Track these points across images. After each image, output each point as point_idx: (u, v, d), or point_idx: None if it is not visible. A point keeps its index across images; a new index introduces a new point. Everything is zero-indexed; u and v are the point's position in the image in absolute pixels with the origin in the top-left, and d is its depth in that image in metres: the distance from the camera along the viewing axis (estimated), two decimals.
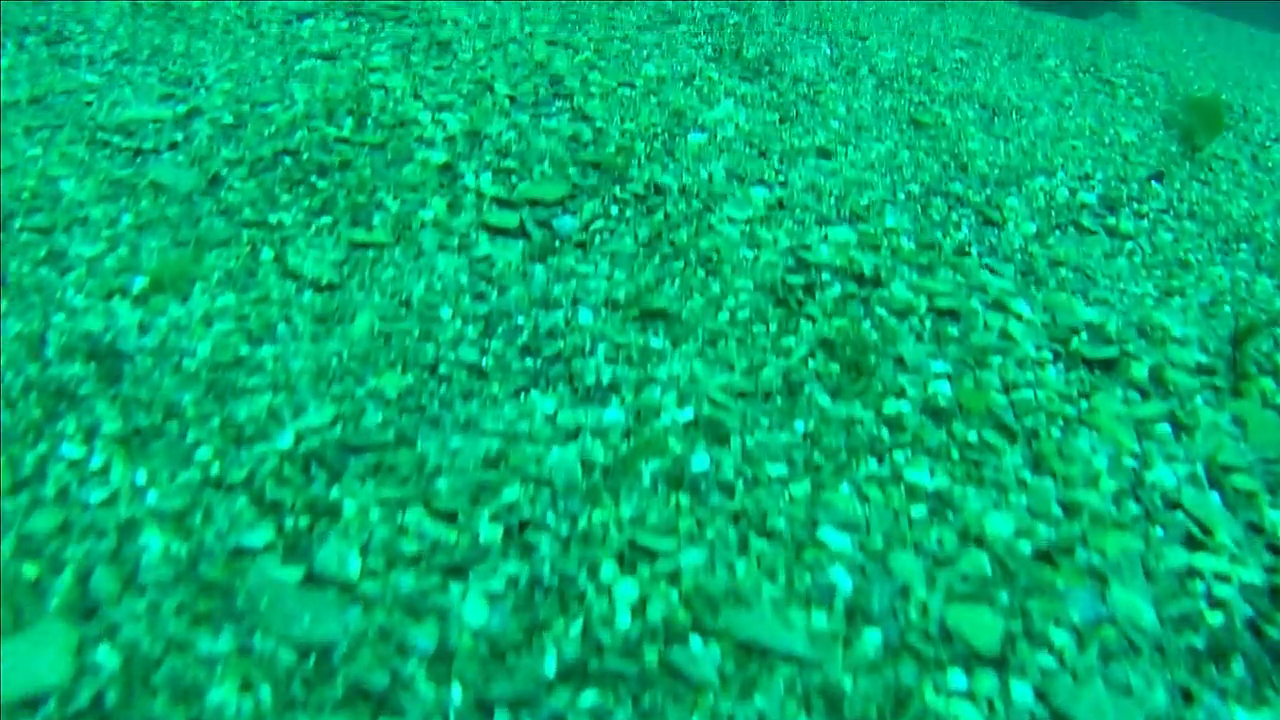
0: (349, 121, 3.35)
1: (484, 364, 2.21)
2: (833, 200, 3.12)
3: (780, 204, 3.02)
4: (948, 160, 3.78)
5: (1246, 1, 12.84)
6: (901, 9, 6.59)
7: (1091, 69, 6.01)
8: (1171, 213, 3.81)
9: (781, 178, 3.25)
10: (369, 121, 3.37)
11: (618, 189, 2.97)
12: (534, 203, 2.81)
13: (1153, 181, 4.03)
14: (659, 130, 3.54)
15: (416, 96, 3.63)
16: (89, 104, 3.54)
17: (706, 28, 5.06)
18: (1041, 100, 4.92)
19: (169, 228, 2.67)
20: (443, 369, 2.17)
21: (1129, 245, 3.49)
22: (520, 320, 2.34)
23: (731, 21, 5.25)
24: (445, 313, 2.33)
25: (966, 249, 3.17)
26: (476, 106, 3.60)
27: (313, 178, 2.93)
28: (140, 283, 2.39)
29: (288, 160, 3.04)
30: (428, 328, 2.27)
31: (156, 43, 4.23)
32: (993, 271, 3.05)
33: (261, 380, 2.06)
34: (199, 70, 3.91)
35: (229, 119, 3.36)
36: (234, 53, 4.13)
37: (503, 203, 2.81)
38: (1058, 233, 3.48)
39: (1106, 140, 4.47)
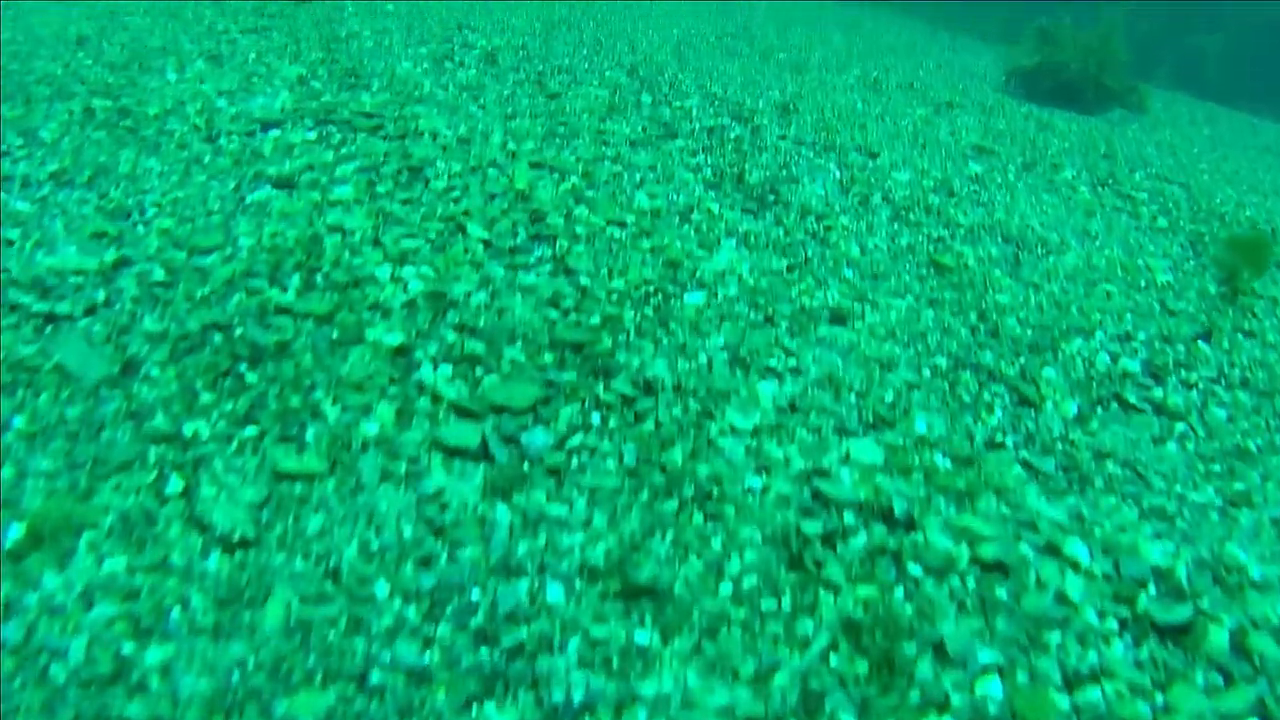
0: (295, 280, 2.94)
1: (427, 661, 1.76)
2: (853, 397, 2.70)
3: (792, 406, 2.60)
4: (975, 321, 3.38)
5: (1241, 80, 12.68)
6: (909, 111, 6.27)
7: (1110, 181, 5.68)
8: (1223, 381, 3.41)
9: (793, 361, 2.83)
10: (318, 280, 2.95)
11: (600, 387, 2.54)
12: (500, 410, 2.39)
13: (1199, 341, 3.64)
14: (652, 289, 3.14)
15: (377, 243, 3.22)
16: (11, 243, 3.13)
17: (705, 143, 4.69)
18: (1065, 228, 4.55)
19: (65, 439, 2.23)
20: (375, 677, 1.72)
21: (1179, 427, 3.09)
22: (475, 595, 1.90)
23: (733, 135, 4.89)
24: (381, 589, 1.88)
25: (1001, 440, 2.76)
26: (444, 255, 3.19)
27: (242, 367, 2.50)
28: (16, 533, 1.95)
29: (217, 338, 2.61)
30: (358, 614, 1.82)
31: (101, 160, 3.83)
32: (1032, 469, 2.64)
33: (141, 709, 1.61)
34: (140, 199, 3.51)
35: (160, 274, 2.94)
36: (183, 175, 3.73)
37: (462, 411, 2.38)
38: (1100, 411, 3.07)
39: (1141, 282, 4.09)
